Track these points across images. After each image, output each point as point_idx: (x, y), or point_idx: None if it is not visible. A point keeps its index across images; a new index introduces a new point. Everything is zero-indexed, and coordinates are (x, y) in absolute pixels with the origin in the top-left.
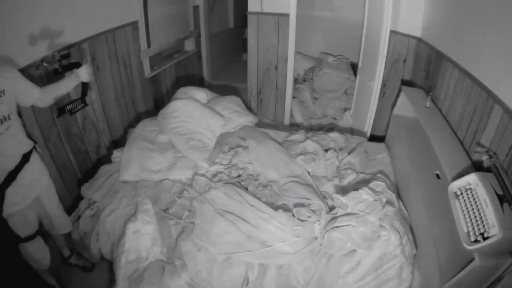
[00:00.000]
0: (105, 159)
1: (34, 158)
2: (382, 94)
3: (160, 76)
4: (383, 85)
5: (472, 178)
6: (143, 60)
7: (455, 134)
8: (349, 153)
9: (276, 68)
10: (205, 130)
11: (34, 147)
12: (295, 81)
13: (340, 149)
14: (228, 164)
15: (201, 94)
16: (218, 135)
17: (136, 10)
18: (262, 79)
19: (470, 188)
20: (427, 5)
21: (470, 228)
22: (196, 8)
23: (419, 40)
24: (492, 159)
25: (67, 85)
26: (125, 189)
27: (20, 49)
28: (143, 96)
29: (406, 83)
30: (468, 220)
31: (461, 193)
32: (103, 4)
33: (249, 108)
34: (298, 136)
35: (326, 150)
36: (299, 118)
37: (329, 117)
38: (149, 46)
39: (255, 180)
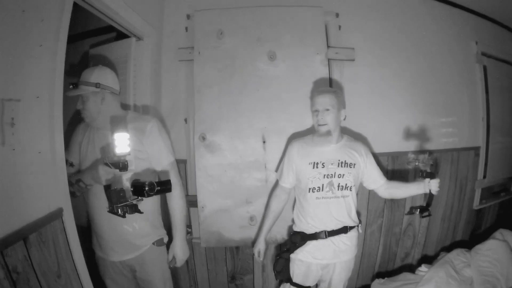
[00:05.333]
0: (405, 268)
1: (353, 234)
2: None
3: (484, 210)
4: None
5: None
6: (476, 189)
7: None
8: None
9: None
10: (503, 277)
11: (358, 226)
12: None
13: None
14: None
15: None
16: None
17: (479, 135)
18: None
19: None
20: None
21: None
22: None
23: None
24: None
25: (415, 190)
26: None
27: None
28: (464, 226)
29: None
30: None
31: None
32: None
33: None
34: None
35: None
36: None
37: None
38: (484, 177)
39: None
